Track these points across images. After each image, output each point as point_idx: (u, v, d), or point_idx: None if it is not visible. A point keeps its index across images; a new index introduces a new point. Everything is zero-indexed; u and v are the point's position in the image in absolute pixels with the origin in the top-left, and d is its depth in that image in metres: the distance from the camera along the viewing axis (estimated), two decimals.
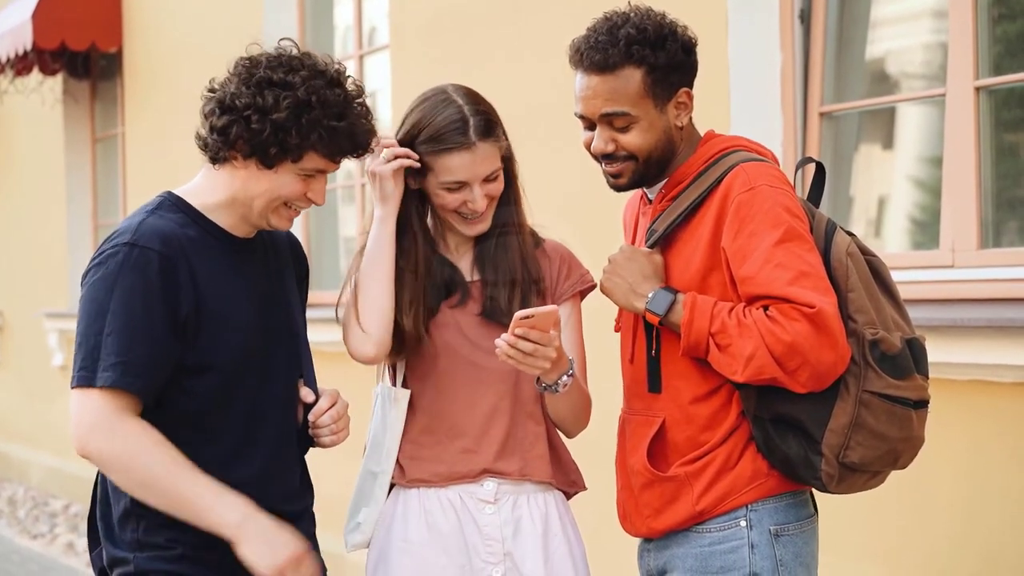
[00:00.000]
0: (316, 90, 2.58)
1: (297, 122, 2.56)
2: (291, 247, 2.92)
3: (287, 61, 2.61)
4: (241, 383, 2.67)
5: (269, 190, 2.64)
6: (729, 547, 2.69)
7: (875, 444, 2.61)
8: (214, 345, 2.63)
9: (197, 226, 2.67)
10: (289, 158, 2.60)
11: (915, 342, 2.67)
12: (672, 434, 2.75)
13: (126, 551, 2.63)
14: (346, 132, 2.61)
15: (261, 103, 2.56)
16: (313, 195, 2.68)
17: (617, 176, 2.77)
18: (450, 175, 2.85)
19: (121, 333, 2.54)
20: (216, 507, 2.56)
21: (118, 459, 2.56)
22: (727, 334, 2.59)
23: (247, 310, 2.70)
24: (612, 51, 2.69)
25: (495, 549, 2.89)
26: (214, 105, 2.61)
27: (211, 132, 2.61)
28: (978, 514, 3.88)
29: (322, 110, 2.57)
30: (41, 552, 8.38)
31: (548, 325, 2.70)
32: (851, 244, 2.69)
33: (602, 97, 2.71)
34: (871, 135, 4.88)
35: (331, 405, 2.80)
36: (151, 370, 2.56)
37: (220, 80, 2.65)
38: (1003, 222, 4.21)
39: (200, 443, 2.64)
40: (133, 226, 2.62)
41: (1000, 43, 4.20)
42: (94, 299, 2.58)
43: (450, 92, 2.90)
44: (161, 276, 2.57)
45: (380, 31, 7.14)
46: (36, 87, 9.96)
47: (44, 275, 10.71)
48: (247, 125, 2.56)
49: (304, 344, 2.86)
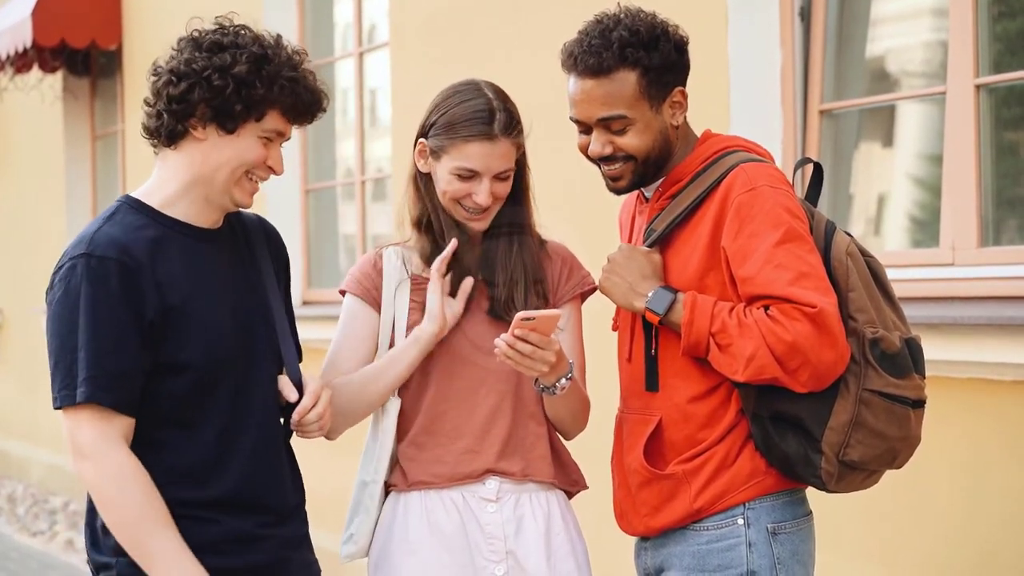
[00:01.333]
0: (268, 46, 2.62)
1: (259, 73, 2.57)
2: (268, 237, 2.87)
3: (232, 30, 2.64)
4: (219, 380, 2.65)
5: (232, 157, 2.62)
6: (726, 545, 2.69)
7: (874, 443, 2.61)
8: (186, 346, 2.61)
9: (158, 225, 2.64)
10: (253, 116, 2.60)
11: (913, 342, 2.68)
12: (669, 432, 2.75)
13: (109, 556, 2.63)
14: (304, 84, 2.63)
15: (219, 62, 2.57)
16: (273, 162, 2.67)
17: (617, 179, 2.77)
18: (465, 161, 2.85)
19: (90, 348, 2.52)
20: (170, 572, 2.54)
21: (100, 488, 2.55)
22: (728, 334, 2.59)
23: (218, 305, 2.66)
24: (606, 54, 2.68)
25: (497, 547, 2.89)
26: (167, 76, 2.60)
27: (169, 103, 2.59)
28: (977, 512, 3.87)
29: (278, 62, 2.60)
30: (41, 549, 8.38)
31: (549, 328, 2.70)
32: (851, 244, 2.69)
33: (598, 101, 2.70)
34: (871, 133, 4.87)
35: (314, 403, 2.75)
36: (124, 381, 2.54)
37: (164, 59, 2.65)
38: (1003, 220, 4.21)
39: (182, 442, 2.63)
40: (87, 236, 2.60)
41: (1000, 41, 4.20)
42: (61, 316, 2.56)
43: (482, 85, 2.92)
44: (121, 284, 2.55)
45: (380, 29, 7.13)
46: (36, 84, 9.96)
47: (43, 272, 10.61)
48: (208, 85, 2.57)
49: (285, 335, 2.81)
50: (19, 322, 11.26)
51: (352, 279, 3.00)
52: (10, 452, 11.25)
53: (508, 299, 2.91)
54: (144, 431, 2.60)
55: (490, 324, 2.91)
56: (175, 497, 2.60)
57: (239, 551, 2.66)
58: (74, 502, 9.62)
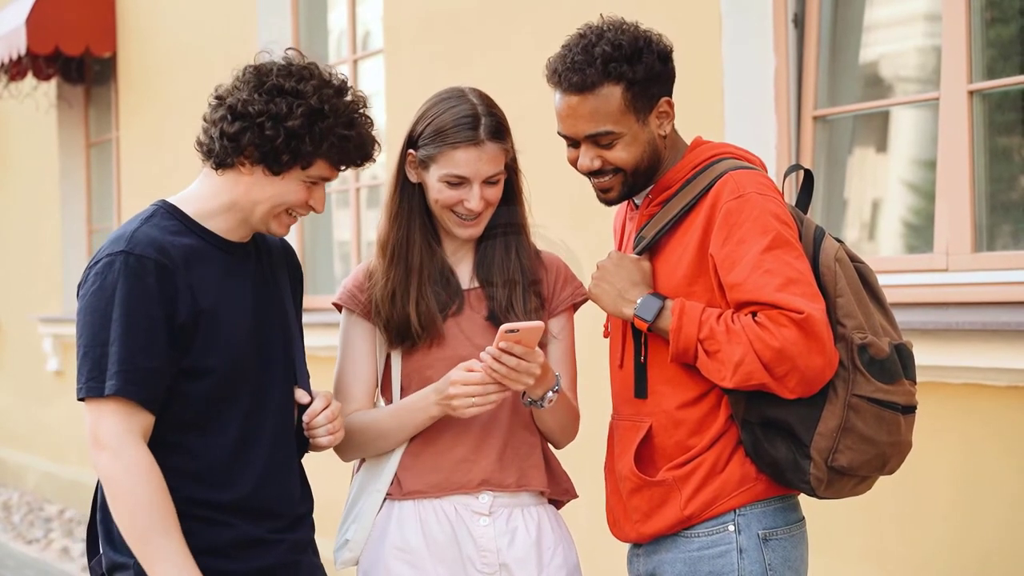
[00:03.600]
0: (327, 99, 2.61)
1: (311, 129, 2.59)
2: (285, 254, 2.92)
3: (297, 71, 2.64)
4: (237, 387, 2.68)
5: (273, 196, 2.67)
6: (718, 552, 2.69)
7: (864, 448, 2.60)
8: (210, 351, 2.64)
9: (192, 234, 2.68)
10: (299, 165, 2.63)
11: (903, 347, 2.68)
12: (660, 439, 2.74)
13: (126, 556, 2.63)
14: (356, 141, 2.65)
15: (275, 110, 2.58)
16: (315, 202, 2.72)
17: (607, 191, 2.78)
18: (454, 168, 2.85)
19: (123, 342, 2.56)
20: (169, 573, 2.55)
21: (116, 480, 2.57)
22: (715, 340, 2.59)
23: (243, 315, 2.71)
24: (589, 71, 2.68)
25: (490, 560, 2.88)
26: (224, 111, 2.62)
27: (221, 137, 2.62)
28: (973, 517, 3.88)
29: (334, 119, 2.61)
30: (36, 557, 8.36)
31: (533, 340, 2.70)
32: (839, 250, 2.69)
33: (584, 118, 2.71)
34: (865, 139, 4.88)
35: (325, 406, 2.80)
36: (153, 378, 2.58)
37: (227, 87, 2.66)
38: (997, 225, 4.21)
39: (199, 446, 2.66)
40: (127, 234, 2.64)
41: (993, 47, 4.20)
42: (95, 309, 2.59)
43: (466, 92, 2.92)
44: (158, 283, 2.59)
45: (374, 35, 7.14)
46: (30, 92, 9.96)
47: (38, 280, 10.70)
48: (260, 132, 2.59)
49: (299, 348, 2.86)
50: (14, 330, 11.25)
51: (346, 292, 3.00)
52: (6, 460, 11.24)
53: (507, 304, 2.91)
54: (163, 432, 2.63)
55: (489, 329, 2.90)
56: (190, 497, 2.63)
57: (250, 555, 2.70)
58: (70, 510, 9.61)
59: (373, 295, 2.93)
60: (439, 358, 2.91)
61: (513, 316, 2.89)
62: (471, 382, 2.77)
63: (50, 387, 10.22)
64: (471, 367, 2.78)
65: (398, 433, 2.91)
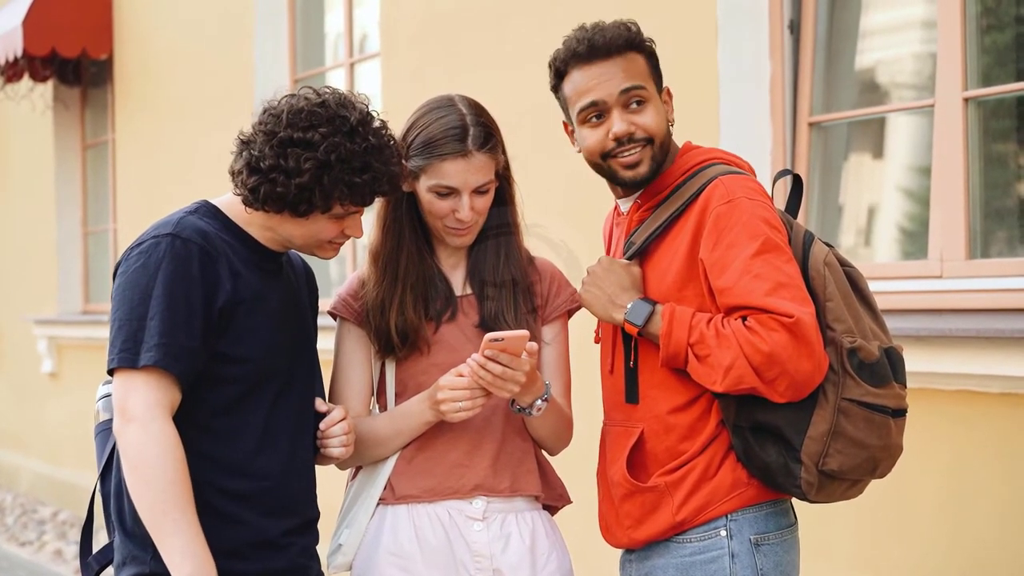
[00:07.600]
0: (336, 147, 2.62)
1: (319, 183, 2.62)
2: (306, 275, 2.98)
3: (307, 116, 2.64)
4: (266, 381, 2.72)
5: (305, 235, 2.73)
6: (710, 557, 2.69)
7: (854, 452, 2.61)
8: (245, 340, 2.69)
9: (231, 234, 2.73)
10: (318, 210, 2.67)
11: (893, 351, 2.68)
12: (651, 444, 2.75)
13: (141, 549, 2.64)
14: (368, 184, 2.66)
15: (284, 165, 2.62)
16: (350, 231, 2.76)
17: (636, 165, 2.76)
18: (442, 179, 2.85)
19: (164, 317, 2.59)
20: (178, 551, 2.54)
21: (140, 452, 2.57)
22: (706, 344, 2.60)
23: (275, 314, 2.75)
24: (615, 37, 2.74)
25: (484, 565, 2.88)
26: (243, 165, 2.67)
27: (243, 187, 2.67)
28: (965, 523, 3.88)
29: (343, 167, 2.62)
30: (29, 559, 8.36)
31: (519, 348, 2.71)
32: (829, 254, 2.69)
33: (617, 77, 2.73)
34: (860, 145, 4.89)
35: (343, 418, 2.84)
36: (191, 355, 2.61)
37: (248, 131, 2.69)
38: (991, 232, 4.22)
39: (225, 433, 2.68)
40: (174, 220, 2.70)
41: (989, 54, 4.21)
42: (136, 284, 2.63)
43: (455, 101, 2.91)
44: (201, 267, 2.64)
45: (371, 39, 7.14)
46: (27, 93, 9.96)
47: (34, 281, 10.70)
48: (273, 187, 2.63)
49: (316, 357, 2.91)
50: (9, 331, 11.25)
51: (340, 300, 3.01)
52: (0, 461, 11.23)
53: (497, 311, 2.92)
54: (196, 416, 2.65)
55: (481, 336, 2.89)
56: (214, 483, 2.66)
57: (262, 556, 2.71)
58: (63, 512, 9.60)
59: (366, 303, 2.94)
60: (432, 364, 2.91)
61: (503, 322, 2.89)
62: (458, 387, 2.78)
63: (45, 389, 10.21)
64: (460, 372, 2.79)
65: (395, 439, 2.92)
